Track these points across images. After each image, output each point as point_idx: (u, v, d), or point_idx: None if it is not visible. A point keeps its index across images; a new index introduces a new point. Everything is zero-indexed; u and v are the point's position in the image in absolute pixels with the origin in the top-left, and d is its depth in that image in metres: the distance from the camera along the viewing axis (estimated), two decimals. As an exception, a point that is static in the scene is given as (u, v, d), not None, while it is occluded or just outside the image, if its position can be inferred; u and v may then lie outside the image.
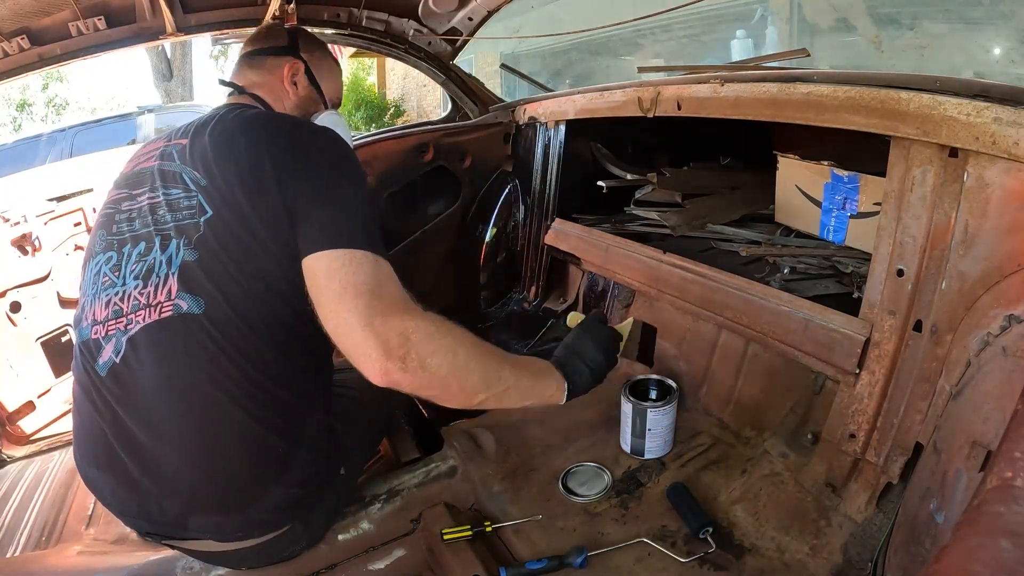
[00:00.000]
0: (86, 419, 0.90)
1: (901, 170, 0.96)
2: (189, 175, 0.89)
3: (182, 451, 0.84)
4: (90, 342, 0.87)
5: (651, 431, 1.21)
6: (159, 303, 0.84)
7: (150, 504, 0.87)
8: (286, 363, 0.89)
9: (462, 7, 1.86)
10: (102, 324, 0.87)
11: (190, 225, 0.85)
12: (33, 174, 2.06)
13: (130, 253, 0.88)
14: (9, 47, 1.40)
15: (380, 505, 1.10)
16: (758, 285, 1.24)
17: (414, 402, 1.53)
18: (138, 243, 0.88)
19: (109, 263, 0.90)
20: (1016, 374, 0.71)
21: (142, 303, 0.85)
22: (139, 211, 0.91)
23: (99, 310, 0.88)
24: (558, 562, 0.97)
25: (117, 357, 0.84)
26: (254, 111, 1.01)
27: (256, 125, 0.93)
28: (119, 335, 0.85)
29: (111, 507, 0.92)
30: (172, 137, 0.97)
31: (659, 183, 1.66)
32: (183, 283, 0.84)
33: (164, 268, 0.85)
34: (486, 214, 2.10)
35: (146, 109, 6.26)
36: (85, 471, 0.92)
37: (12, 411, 1.69)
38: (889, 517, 0.97)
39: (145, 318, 0.84)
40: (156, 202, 0.89)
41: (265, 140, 0.88)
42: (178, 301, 0.83)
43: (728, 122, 1.29)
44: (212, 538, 0.90)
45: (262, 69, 1.13)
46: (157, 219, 0.88)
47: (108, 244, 0.92)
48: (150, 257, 0.86)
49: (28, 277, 1.76)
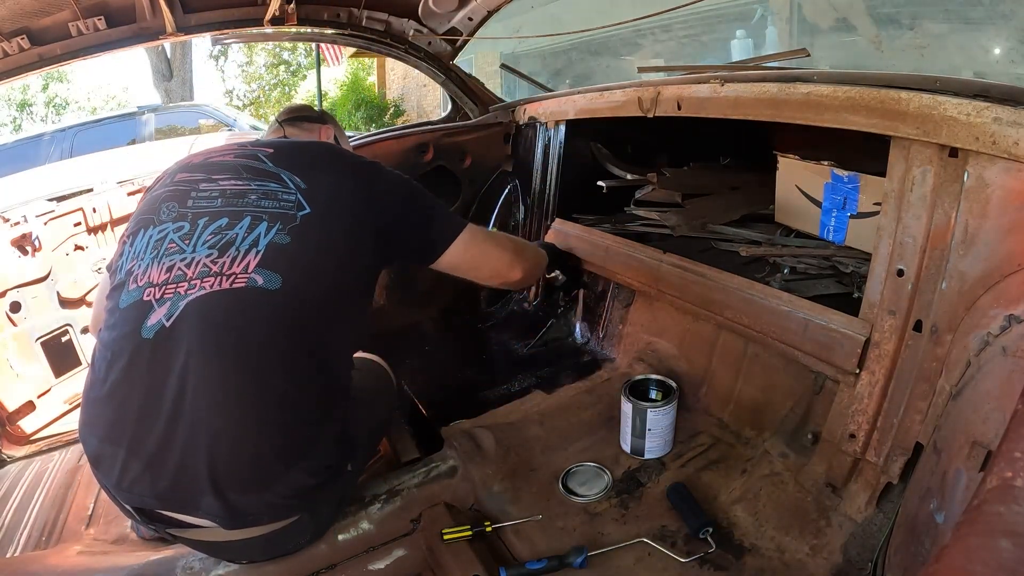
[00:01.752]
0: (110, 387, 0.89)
1: (901, 170, 0.96)
2: (287, 176, 0.98)
3: (216, 417, 0.86)
4: (140, 303, 0.89)
5: (651, 431, 1.21)
6: (233, 274, 0.89)
7: (163, 478, 0.86)
8: (330, 356, 0.97)
9: (462, 7, 1.86)
10: (158, 287, 0.89)
11: (287, 215, 0.93)
12: (33, 174, 2.06)
13: (207, 225, 0.93)
14: (9, 47, 1.40)
15: (380, 505, 1.10)
16: (758, 285, 1.24)
17: (414, 402, 1.54)
18: (219, 218, 0.93)
19: (179, 231, 0.94)
20: (1016, 374, 0.71)
21: (213, 271, 0.89)
22: (223, 192, 0.97)
23: (158, 273, 0.90)
24: (558, 562, 0.97)
25: (168, 320, 0.87)
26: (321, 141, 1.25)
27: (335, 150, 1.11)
28: (176, 299, 0.88)
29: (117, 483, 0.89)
30: (247, 144, 1.07)
31: (659, 183, 1.66)
32: (265, 261, 0.89)
33: (247, 245, 0.90)
34: (486, 214, 2.10)
35: (146, 109, 6.26)
36: (93, 446, 0.91)
37: (12, 411, 1.69)
38: (889, 517, 0.97)
39: (213, 285, 0.88)
40: (246, 188, 0.96)
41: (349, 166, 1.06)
42: (254, 275, 0.88)
43: (728, 122, 1.29)
44: (219, 523, 0.90)
45: (305, 130, 1.32)
46: (248, 202, 0.94)
47: (181, 215, 0.96)
48: (232, 232, 0.92)
49: (28, 277, 1.76)
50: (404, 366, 1.61)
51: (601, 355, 1.72)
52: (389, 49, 1.97)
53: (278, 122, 1.33)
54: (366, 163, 1.10)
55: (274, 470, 0.90)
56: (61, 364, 1.82)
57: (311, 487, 0.93)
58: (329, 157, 1.08)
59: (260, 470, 0.89)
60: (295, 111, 1.39)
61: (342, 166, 1.06)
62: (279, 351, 0.90)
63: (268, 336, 0.89)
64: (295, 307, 0.91)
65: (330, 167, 1.04)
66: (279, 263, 0.90)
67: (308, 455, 0.92)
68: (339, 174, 1.03)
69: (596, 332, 1.77)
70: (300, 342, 0.92)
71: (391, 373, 1.31)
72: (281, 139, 1.14)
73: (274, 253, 0.90)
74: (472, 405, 1.47)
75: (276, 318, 0.90)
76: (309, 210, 0.95)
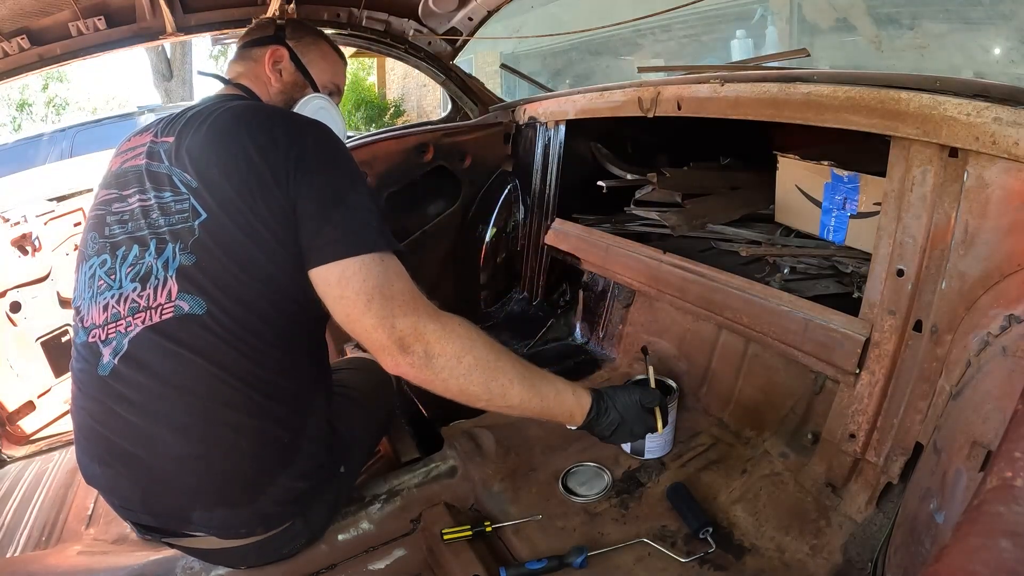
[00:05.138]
0: (88, 419, 0.89)
1: (901, 170, 0.96)
2: (179, 177, 0.87)
3: (187, 447, 0.85)
4: (89, 344, 0.88)
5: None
6: (159, 305, 0.84)
7: (153, 498, 0.87)
8: (288, 354, 0.90)
9: (462, 7, 1.86)
10: (101, 328, 0.87)
11: (184, 229, 0.85)
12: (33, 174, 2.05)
13: (125, 255, 0.88)
14: (9, 47, 1.40)
15: (380, 505, 1.10)
16: (758, 285, 1.24)
17: (414, 402, 1.54)
18: (132, 246, 0.88)
19: (104, 267, 0.89)
20: (1016, 374, 0.71)
21: (141, 305, 0.85)
22: (131, 213, 0.90)
23: (97, 313, 0.88)
24: (558, 562, 0.97)
25: (116, 359, 0.85)
26: (238, 103, 0.99)
27: (242, 121, 0.90)
28: (119, 337, 0.85)
29: (113, 502, 0.92)
30: (158, 133, 0.95)
31: (659, 183, 1.66)
32: (183, 285, 0.84)
33: (161, 271, 0.85)
34: (486, 214, 2.10)
35: (146, 109, 6.25)
36: (87, 468, 0.92)
37: (12, 411, 1.69)
38: (889, 517, 0.97)
39: (145, 320, 0.84)
40: (148, 204, 0.89)
41: (257, 139, 0.87)
42: (179, 303, 0.83)
43: (728, 122, 1.29)
44: (215, 534, 0.90)
45: (248, 59, 1.13)
46: (151, 222, 0.87)
47: (101, 247, 0.91)
48: (145, 260, 0.86)
49: (28, 277, 1.76)
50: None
51: (601, 355, 1.72)
52: (389, 49, 1.96)
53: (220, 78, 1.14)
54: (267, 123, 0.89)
55: (260, 481, 0.89)
56: (61, 364, 1.82)
57: (303, 491, 0.93)
58: (224, 127, 0.89)
59: (245, 484, 0.88)
60: (247, 34, 1.17)
61: (235, 134, 0.88)
62: (230, 373, 0.84)
63: (213, 359, 0.83)
64: (229, 325, 0.84)
65: (224, 143, 0.87)
66: (196, 284, 0.83)
67: (292, 461, 0.91)
68: (229, 148, 0.86)
69: (596, 332, 1.77)
70: (251, 355, 0.85)
71: None
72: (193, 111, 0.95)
73: (187, 275, 0.83)
74: (472, 405, 1.47)
75: (215, 340, 0.83)
76: (205, 215, 0.84)
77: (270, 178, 0.84)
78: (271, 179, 0.84)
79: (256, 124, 0.90)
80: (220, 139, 0.88)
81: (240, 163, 0.85)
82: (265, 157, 0.85)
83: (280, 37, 1.14)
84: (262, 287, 0.85)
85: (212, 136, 0.89)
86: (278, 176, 0.85)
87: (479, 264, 2.09)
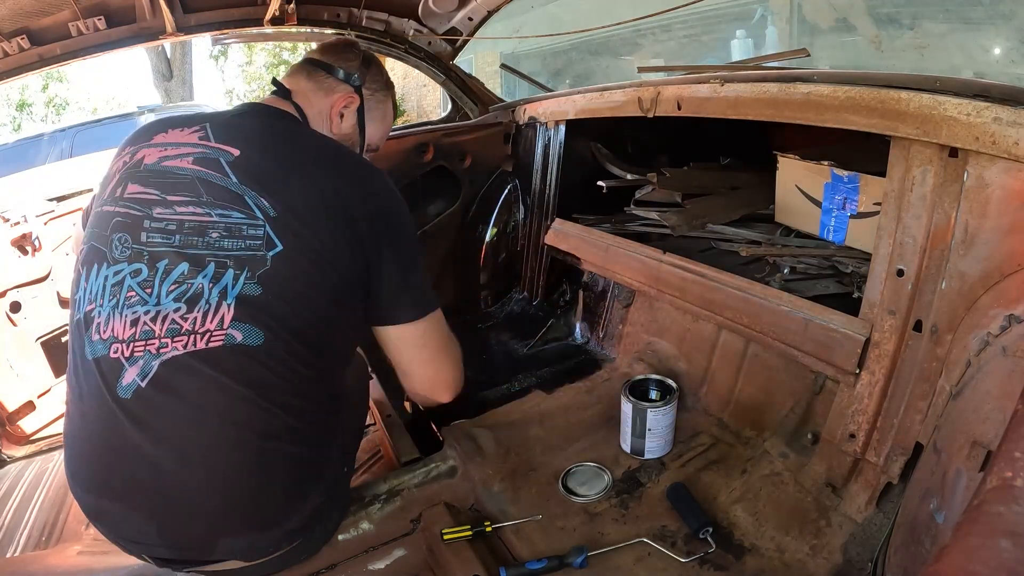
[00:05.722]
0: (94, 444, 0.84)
1: (901, 170, 0.96)
2: (253, 200, 0.83)
3: (219, 476, 0.82)
4: (108, 360, 0.81)
5: (651, 431, 1.21)
6: (208, 331, 0.79)
7: (172, 529, 0.83)
8: (327, 384, 0.93)
9: (462, 7, 1.86)
10: (125, 343, 0.80)
11: (256, 258, 0.81)
12: (33, 174, 2.05)
13: (168, 271, 0.81)
14: (9, 47, 1.40)
15: (380, 505, 1.11)
16: (758, 285, 1.24)
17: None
18: (179, 263, 0.81)
19: (137, 276, 0.82)
20: (1016, 374, 0.71)
21: (184, 328, 0.80)
22: (180, 225, 0.83)
23: (122, 327, 0.81)
24: (558, 562, 0.97)
25: (143, 380, 0.79)
26: (309, 131, 1.02)
27: (333, 157, 0.93)
28: (148, 358, 0.80)
29: (122, 536, 0.86)
30: (210, 136, 0.89)
31: (659, 183, 1.66)
32: (240, 314, 0.80)
33: (215, 297, 0.80)
34: (486, 214, 2.10)
35: (146, 109, 6.26)
36: (87, 501, 0.87)
37: (12, 411, 1.69)
38: (889, 517, 0.97)
39: (188, 344, 0.79)
40: (207, 221, 0.83)
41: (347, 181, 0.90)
42: (232, 331, 0.80)
43: (728, 122, 1.29)
44: (239, 558, 0.88)
45: (318, 84, 1.08)
46: (210, 242, 0.82)
47: (135, 254, 0.83)
48: (196, 281, 0.81)
49: (28, 277, 1.76)
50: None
51: (601, 355, 1.72)
52: (389, 49, 1.96)
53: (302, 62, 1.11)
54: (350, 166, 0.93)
55: (291, 503, 0.89)
56: (61, 364, 1.81)
57: (323, 503, 0.94)
58: (306, 157, 0.90)
59: (276, 507, 0.88)
60: (329, 51, 1.12)
61: (320, 169, 0.89)
62: (272, 399, 0.83)
63: (258, 389, 0.81)
64: (281, 357, 0.82)
65: (307, 175, 0.87)
66: (256, 316, 0.80)
67: (320, 480, 0.92)
68: (315, 182, 0.87)
69: (596, 332, 1.77)
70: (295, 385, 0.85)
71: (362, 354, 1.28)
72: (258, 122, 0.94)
73: (248, 305, 0.80)
74: (472, 405, 1.47)
75: (263, 371, 0.82)
76: (280, 247, 0.82)
77: (350, 227, 0.87)
78: (351, 228, 0.87)
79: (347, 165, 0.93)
80: (309, 172, 0.88)
81: (328, 201, 0.86)
82: (352, 203, 0.88)
83: (360, 86, 1.11)
84: (322, 325, 0.87)
85: (296, 165, 0.88)
86: (359, 227, 0.88)
87: (479, 264, 2.09)
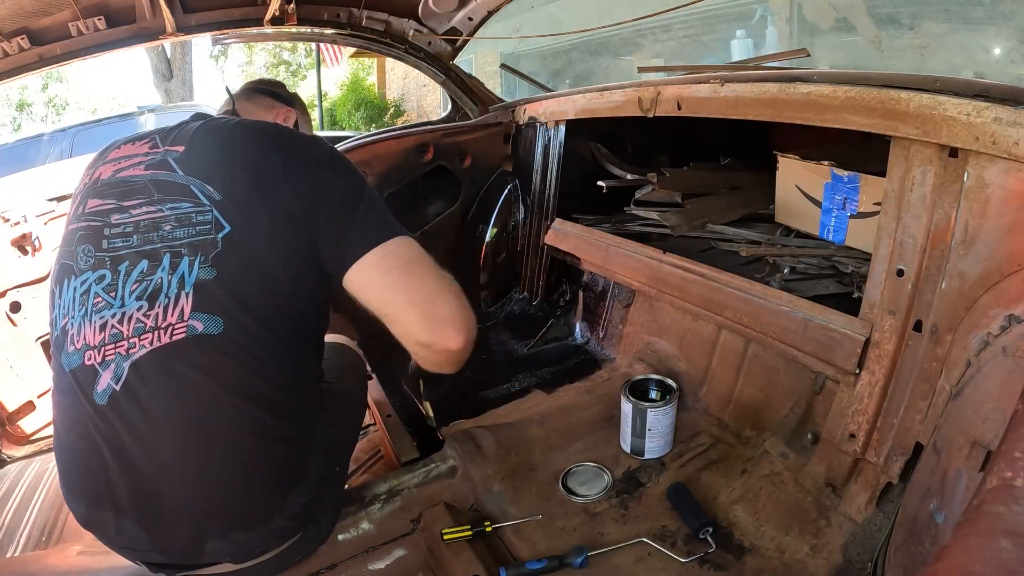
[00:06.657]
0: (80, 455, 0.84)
1: (901, 170, 0.96)
2: (199, 187, 0.85)
3: (197, 475, 0.82)
4: (83, 368, 0.82)
5: (651, 431, 1.21)
6: (169, 325, 0.80)
7: (161, 534, 0.84)
8: (296, 372, 0.91)
9: (462, 7, 1.86)
10: (97, 349, 0.81)
11: (206, 242, 0.82)
12: (33, 174, 2.05)
13: (128, 271, 0.83)
14: (9, 47, 1.40)
15: (380, 505, 1.11)
16: (758, 285, 1.24)
17: (414, 402, 1.54)
18: (139, 261, 0.83)
19: (102, 282, 0.84)
20: (1016, 374, 0.71)
21: (148, 325, 0.80)
22: (136, 225, 0.85)
23: (92, 333, 0.82)
24: (558, 562, 0.97)
25: (117, 384, 0.80)
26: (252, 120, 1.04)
27: (266, 136, 0.93)
28: (119, 360, 0.80)
29: (116, 544, 0.87)
30: (160, 143, 0.92)
31: (659, 183, 1.66)
32: (199, 303, 0.80)
33: (175, 288, 0.81)
34: (486, 214, 2.10)
35: (146, 109, 6.26)
36: (81, 512, 0.87)
37: (12, 411, 1.69)
38: (889, 517, 0.97)
39: (153, 341, 0.80)
40: (159, 216, 0.84)
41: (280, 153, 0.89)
42: (192, 322, 0.80)
43: (728, 122, 1.29)
44: (230, 560, 0.89)
45: (258, 104, 1.19)
46: (163, 235, 0.83)
47: (99, 261, 0.85)
48: (155, 276, 0.82)
49: (28, 277, 1.76)
50: (404, 366, 1.61)
51: (601, 355, 1.72)
52: (389, 49, 1.96)
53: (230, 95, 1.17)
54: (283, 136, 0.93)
55: (273, 500, 0.88)
56: (61, 364, 1.81)
57: (312, 500, 0.93)
58: (242, 139, 0.91)
59: (259, 504, 0.87)
60: (260, 83, 1.25)
61: (255, 146, 0.89)
62: (242, 393, 0.83)
63: (226, 382, 0.82)
64: (245, 344, 0.82)
65: (242, 156, 0.88)
66: (213, 302, 0.81)
67: (304, 475, 0.91)
68: (250, 160, 0.87)
69: (596, 332, 1.77)
70: (263, 375, 0.84)
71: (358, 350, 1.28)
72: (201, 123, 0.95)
73: (205, 291, 0.81)
74: (472, 405, 1.47)
75: (228, 362, 0.81)
76: (228, 228, 0.83)
77: (292, 190, 0.86)
78: (293, 191, 0.86)
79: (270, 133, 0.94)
80: (244, 152, 0.89)
81: (266, 176, 0.86)
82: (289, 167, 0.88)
83: (292, 103, 1.24)
84: (280, 302, 0.86)
85: (234, 148, 0.90)
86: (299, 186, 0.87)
87: (479, 264, 2.09)
